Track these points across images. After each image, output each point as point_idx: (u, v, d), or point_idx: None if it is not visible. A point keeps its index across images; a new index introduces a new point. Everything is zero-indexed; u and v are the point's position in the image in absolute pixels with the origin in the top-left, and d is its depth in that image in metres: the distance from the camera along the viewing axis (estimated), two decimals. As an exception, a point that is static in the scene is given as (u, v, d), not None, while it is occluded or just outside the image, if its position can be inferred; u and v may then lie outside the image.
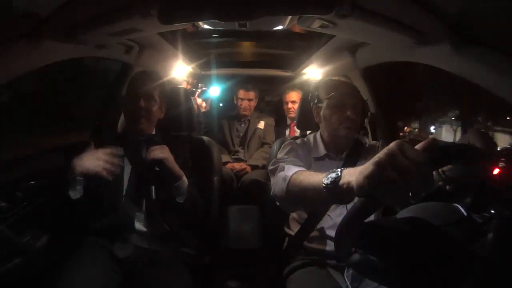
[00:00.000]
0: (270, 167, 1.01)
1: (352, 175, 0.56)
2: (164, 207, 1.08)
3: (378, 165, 0.47)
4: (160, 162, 1.01)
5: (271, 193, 0.93)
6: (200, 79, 2.46)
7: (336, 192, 0.61)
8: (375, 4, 0.78)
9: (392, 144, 0.48)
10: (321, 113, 1.09)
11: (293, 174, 0.82)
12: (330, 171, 0.64)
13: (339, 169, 0.62)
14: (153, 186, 1.05)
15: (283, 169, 0.90)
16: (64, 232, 1.09)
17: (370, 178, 0.48)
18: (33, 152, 1.21)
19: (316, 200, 0.72)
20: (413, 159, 0.46)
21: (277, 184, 0.88)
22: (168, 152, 1.03)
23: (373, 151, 1.10)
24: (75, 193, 0.98)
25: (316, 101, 1.12)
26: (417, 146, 0.53)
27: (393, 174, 0.46)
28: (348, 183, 0.56)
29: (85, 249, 0.98)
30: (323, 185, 0.64)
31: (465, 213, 0.57)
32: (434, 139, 0.53)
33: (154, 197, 1.04)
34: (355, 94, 1.08)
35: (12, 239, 0.89)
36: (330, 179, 0.63)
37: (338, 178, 0.61)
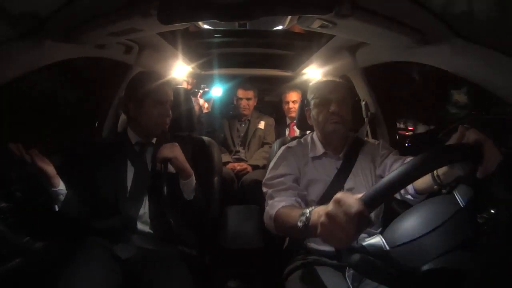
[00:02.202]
0: (264, 189, 1.05)
1: (320, 216, 0.60)
2: (171, 205, 1.08)
3: (322, 226, 0.57)
4: (170, 159, 1.03)
5: (265, 224, 0.99)
6: (200, 79, 2.46)
7: (309, 232, 0.69)
8: (375, 4, 0.78)
9: (330, 204, 0.56)
10: (311, 114, 1.12)
11: (276, 212, 0.90)
12: (302, 212, 0.72)
13: (308, 210, 0.71)
14: (165, 183, 1.05)
15: (267, 204, 0.98)
16: (66, 233, 1.09)
17: (321, 235, 0.58)
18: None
19: (298, 235, 0.86)
20: (349, 213, 0.53)
21: (266, 218, 0.96)
22: (178, 150, 1.05)
23: (372, 149, 1.10)
24: (58, 204, 0.98)
25: (306, 104, 1.16)
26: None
27: (336, 230, 0.55)
28: (316, 225, 0.61)
29: (86, 250, 0.98)
30: (298, 226, 0.72)
31: (462, 204, 0.57)
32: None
33: (166, 193, 1.04)
34: (339, 89, 1.08)
35: (12, 239, 0.89)
36: (301, 222, 0.71)
37: (307, 221, 0.70)
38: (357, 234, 0.54)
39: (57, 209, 0.99)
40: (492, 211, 0.57)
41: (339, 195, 0.56)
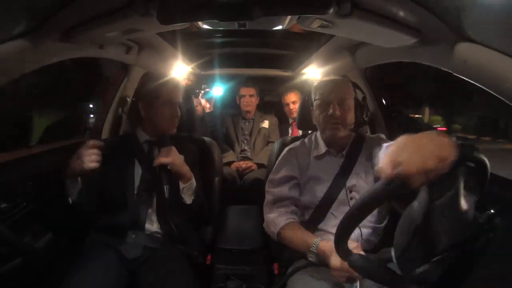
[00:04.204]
0: (266, 189, 1.10)
1: (325, 255, 0.89)
2: (172, 207, 1.08)
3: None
4: (168, 164, 1.04)
5: (263, 225, 1.08)
6: (200, 80, 2.47)
7: (322, 263, 0.90)
8: (375, 4, 0.78)
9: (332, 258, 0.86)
10: (313, 114, 1.13)
11: (278, 231, 1.01)
12: (310, 249, 0.92)
13: (314, 247, 0.91)
14: (165, 186, 1.07)
15: (266, 214, 1.07)
16: (69, 232, 1.09)
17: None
18: (34, 152, 1.21)
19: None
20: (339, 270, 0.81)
21: (267, 230, 1.06)
22: (175, 155, 1.06)
23: (372, 144, 1.10)
24: (73, 197, 0.98)
25: (310, 104, 1.16)
26: None
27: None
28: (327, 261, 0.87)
29: (92, 249, 0.99)
30: (310, 258, 0.93)
31: None
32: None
33: (167, 196, 1.05)
34: (339, 89, 1.08)
35: (12, 239, 0.89)
36: (312, 258, 0.92)
37: (317, 258, 0.91)
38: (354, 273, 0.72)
39: (72, 201, 0.99)
40: (492, 211, 0.57)
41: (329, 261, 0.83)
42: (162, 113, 1.12)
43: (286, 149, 1.16)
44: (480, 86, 0.77)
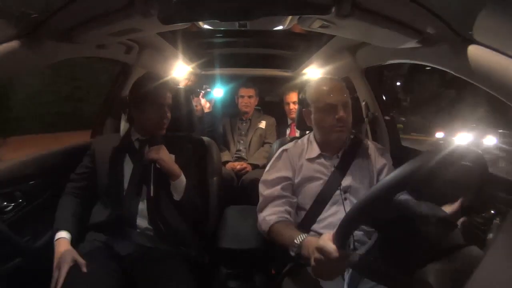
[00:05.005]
0: (259, 190, 1.09)
1: (310, 252, 0.70)
2: (162, 205, 1.09)
3: (314, 269, 0.68)
4: (157, 161, 1.06)
5: (257, 225, 1.07)
6: (201, 79, 2.47)
7: (301, 259, 0.79)
8: (375, 4, 0.78)
9: (314, 251, 0.66)
10: (312, 116, 1.09)
11: (269, 229, 0.99)
12: (294, 241, 0.80)
13: (299, 240, 0.80)
14: (151, 184, 1.06)
15: (259, 214, 1.06)
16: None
17: (314, 274, 0.69)
18: (34, 152, 1.21)
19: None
20: (331, 259, 0.62)
21: (259, 228, 1.04)
22: (164, 153, 1.07)
23: (373, 151, 1.10)
24: None
25: (304, 105, 1.12)
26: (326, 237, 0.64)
27: (325, 270, 0.67)
28: (308, 257, 0.71)
29: (85, 246, 0.98)
30: (291, 253, 0.82)
31: None
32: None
33: (152, 194, 1.05)
34: (342, 92, 1.04)
35: (12, 239, 0.89)
36: (293, 252, 0.81)
37: (299, 250, 0.79)
38: (343, 267, 0.66)
39: None
40: (492, 211, 0.57)
41: (320, 243, 0.65)
42: (150, 115, 1.12)
43: (279, 150, 1.14)
44: (482, 87, 0.77)
